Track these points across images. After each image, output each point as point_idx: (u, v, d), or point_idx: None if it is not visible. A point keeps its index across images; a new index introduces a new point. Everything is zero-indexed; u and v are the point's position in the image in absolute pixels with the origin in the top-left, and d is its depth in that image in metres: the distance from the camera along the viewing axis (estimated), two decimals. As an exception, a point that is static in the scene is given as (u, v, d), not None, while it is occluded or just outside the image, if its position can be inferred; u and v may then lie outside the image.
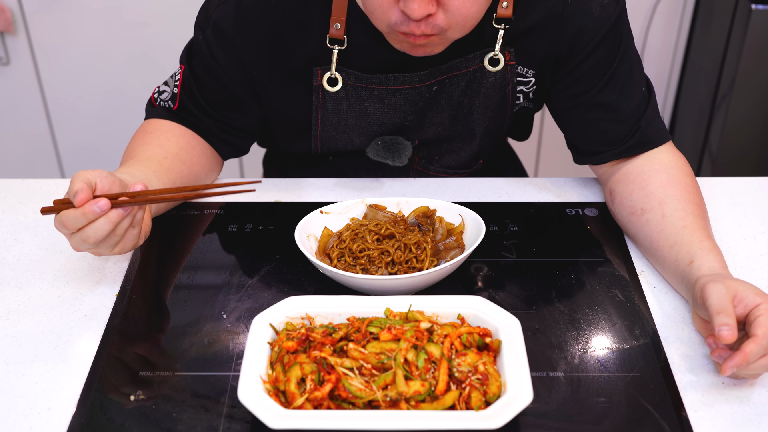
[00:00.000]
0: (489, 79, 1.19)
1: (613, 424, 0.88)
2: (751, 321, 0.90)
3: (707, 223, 1.10)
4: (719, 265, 1.01)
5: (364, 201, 1.14)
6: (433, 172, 1.31)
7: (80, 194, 0.93)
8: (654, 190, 1.13)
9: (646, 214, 1.12)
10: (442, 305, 0.94)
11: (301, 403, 0.83)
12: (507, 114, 1.24)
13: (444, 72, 1.18)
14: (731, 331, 0.88)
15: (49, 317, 1.03)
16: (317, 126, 1.22)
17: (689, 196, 1.11)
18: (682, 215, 1.09)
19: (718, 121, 2.34)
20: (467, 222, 1.10)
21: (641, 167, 1.17)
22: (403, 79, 1.17)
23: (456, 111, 1.22)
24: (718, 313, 0.90)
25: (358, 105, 1.20)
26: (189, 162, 1.19)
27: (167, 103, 1.22)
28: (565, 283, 1.08)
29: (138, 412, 0.89)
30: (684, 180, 1.14)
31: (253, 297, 1.05)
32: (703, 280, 0.96)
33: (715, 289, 0.92)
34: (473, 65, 1.18)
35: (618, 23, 1.15)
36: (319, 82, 1.17)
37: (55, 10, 2.27)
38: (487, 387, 0.85)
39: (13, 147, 2.53)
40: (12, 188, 1.28)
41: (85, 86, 2.40)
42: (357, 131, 1.22)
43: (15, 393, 0.92)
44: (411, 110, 1.21)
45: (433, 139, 1.26)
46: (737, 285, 0.93)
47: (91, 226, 0.94)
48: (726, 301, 0.91)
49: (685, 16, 2.43)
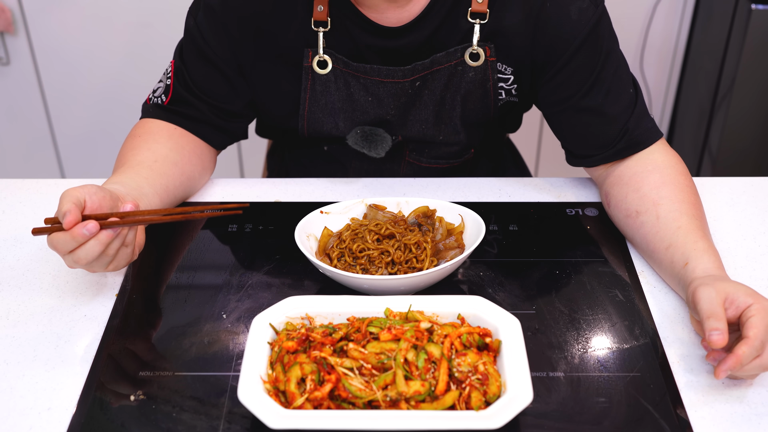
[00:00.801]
0: (469, 74, 1.20)
1: (613, 424, 0.88)
2: (744, 322, 0.90)
3: (703, 223, 1.09)
4: (714, 266, 1.00)
5: (364, 201, 1.14)
6: (425, 163, 1.32)
7: (68, 216, 0.92)
8: (648, 191, 1.12)
9: (641, 217, 1.11)
10: (442, 305, 0.94)
11: (301, 403, 0.83)
12: (490, 108, 1.24)
13: (427, 67, 1.19)
14: (721, 336, 0.88)
15: (49, 317, 1.03)
16: (305, 106, 1.23)
17: (683, 195, 1.11)
18: (677, 216, 1.08)
19: (718, 121, 2.34)
20: (467, 222, 1.10)
21: (634, 169, 1.16)
22: (387, 72, 1.19)
23: (439, 107, 1.23)
24: (708, 318, 0.90)
25: (345, 90, 1.21)
26: (180, 163, 1.19)
27: (159, 98, 1.23)
28: (565, 283, 1.08)
29: (138, 412, 0.89)
30: (678, 179, 1.13)
31: (253, 297, 1.05)
32: (695, 283, 0.96)
33: (705, 293, 0.92)
34: (454, 59, 1.19)
35: (597, 27, 1.14)
36: (309, 64, 1.20)
37: (55, 10, 2.27)
38: (487, 387, 0.85)
39: (13, 147, 2.53)
40: (12, 188, 1.28)
41: (85, 86, 2.40)
42: (342, 115, 1.24)
43: (15, 393, 0.92)
44: (394, 104, 1.22)
45: (418, 137, 1.26)
46: (728, 287, 0.93)
47: (81, 249, 0.94)
48: (716, 305, 0.91)
49: (685, 16, 2.43)
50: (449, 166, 1.33)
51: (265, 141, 2.18)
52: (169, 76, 1.23)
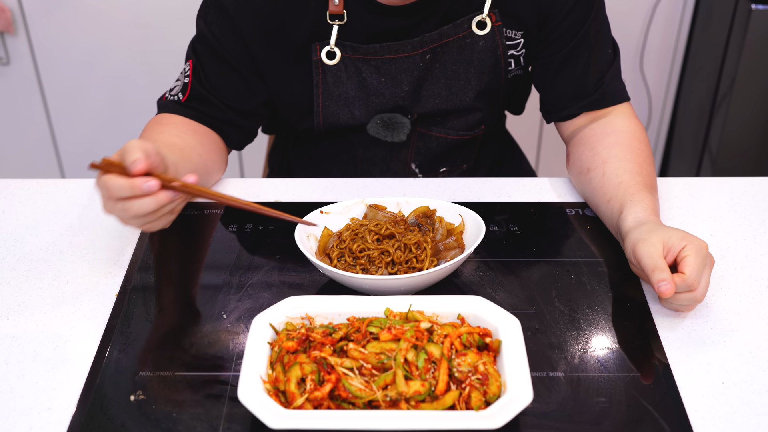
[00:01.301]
0: (479, 43, 1.24)
1: (613, 425, 0.88)
2: (679, 262, 0.98)
3: (647, 180, 1.15)
4: (645, 214, 1.07)
5: (364, 201, 1.14)
6: (436, 133, 1.34)
7: (138, 164, 0.91)
8: (600, 150, 1.21)
9: (590, 173, 1.19)
10: (442, 305, 0.94)
11: (301, 403, 0.83)
12: (501, 78, 1.29)
13: (435, 39, 1.22)
14: (669, 285, 0.95)
15: (49, 317, 1.03)
16: (318, 101, 1.25)
17: (632, 156, 1.18)
18: (620, 173, 1.15)
19: (718, 121, 2.34)
20: (467, 222, 1.10)
21: (595, 131, 1.24)
22: (397, 47, 1.21)
23: (451, 81, 1.26)
24: (653, 272, 0.97)
25: (356, 77, 1.23)
26: (203, 156, 1.20)
27: (177, 96, 1.23)
28: (565, 283, 1.08)
29: (138, 412, 0.89)
30: (631, 143, 1.20)
31: (253, 297, 1.05)
32: (632, 237, 1.03)
33: (645, 249, 0.99)
34: (462, 31, 1.22)
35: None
36: (318, 57, 1.21)
37: (55, 10, 2.27)
38: (487, 387, 0.85)
39: (13, 147, 2.53)
40: (12, 188, 1.28)
41: (85, 86, 2.40)
42: (357, 103, 1.25)
43: (15, 393, 0.92)
44: (407, 79, 1.24)
45: (431, 112, 1.29)
46: (663, 235, 1.00)
47: (136, 201, 0.93)
48: (657, 257, 0.98)
49: (685, 16, 2.43)
50: (459, 138, 1.35)
51: (265, 140, 2.18)
52: (187, 75, 1.23)
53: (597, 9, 1.24)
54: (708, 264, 0.99)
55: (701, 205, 1.24)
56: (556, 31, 1.24)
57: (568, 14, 1.22)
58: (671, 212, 1.22)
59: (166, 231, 1.16)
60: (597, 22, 1.25)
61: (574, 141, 1.28)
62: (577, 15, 1.23)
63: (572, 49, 1.24)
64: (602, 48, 1.26)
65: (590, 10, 1.23)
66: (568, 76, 1.27)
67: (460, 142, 1.36)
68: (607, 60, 1.27)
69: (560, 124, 1.33)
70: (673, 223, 1.20)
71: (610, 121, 1.25)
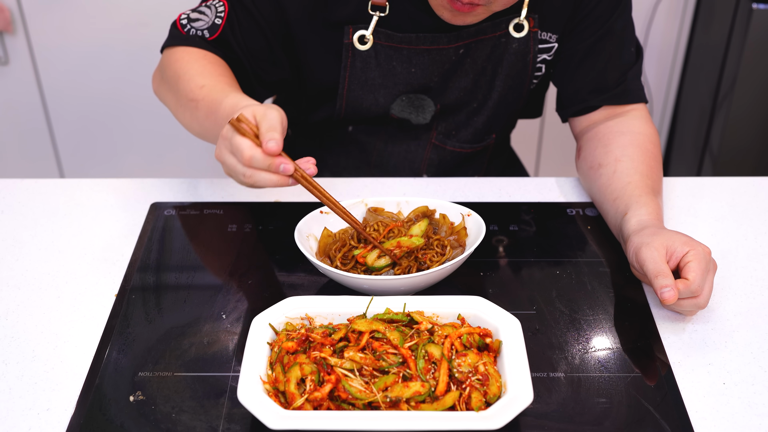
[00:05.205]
0: (513, 45, 1.24)
1: (614, 425, 0.87)
2: (682, 267, 0.98)
3: (655, 184, 1.15)
4: (649, 218, 1.07)
5: (365, 201, 1.13)
6: (450, 146, 1.35)
7: (273, 146, 0.90)
8: (614, 148, 1.20)
9: (601, 169, 1.19)
10: (442, 305, 0.94)
11: (300, 404, 0.83)
12: (525, 85, 1.29)
13: (472, 35, 1.22)
14: (672, 291, 0.95)
15: (48, 317, 1.02)
16: (344, 85, 1.24)
17: (645, 158, 1.17)
18: (631, 173, 1.15)
19: (719, 121, 2.34)
20: (467, 222, 1.10)
21: (611, 128, 1.23)
22: (432, 38, 1.21)
23: (479, 76, 1.27)
24: (656, 277, 0.97)
25: (386, 64, 1.23)
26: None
27: (202, 32, 1.18)
28: (565, 283, 1.08)
29: (137, 413, 0.89)
30: (646, 146, 1.19)
31: (253, 297, 1.05)
32: (634, 241, 1.03)
33: (648, 254, 0.99)
34: (499, 30, 1.22)
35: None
36: (350, 41, 1.20)
37: (54, 10, 2.27)
38: (487, 387, 0.85)
39: (12, 147, 2.53)
40: (11, 188, 1.27)
41: (84, 86, 2.40)
42: (383, 90, 1.25)
43: (14, 393, 0.92)
44: (437, 71, 1.24)
45: (454, 103, 1.29)
46: (666, 240, 1.00)
47: (264, 174, 0.92)
48: (660, 263, 0.98)
49: (685, 16, 2.43)
50: (472, 151, 1.36)
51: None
52: (220, 15, 1.17)
53: (624, 6, 1.24)
54: (711, 269, 0.99)
55: (702, 205, 1.24)
56: (583, 23, 1.24)
57: (596, 6, 1.22)
58: (672, 212, 1.22)
59: (166, 231, 1.16)
60: (623, 18, 1.24)
61: (587, 136, 1.27)
62: (605, 7, 1.22)
63: (597, 40, 1.24)
64: (626, 45, 1.26)
65: (618, 5, 1.23)
66: (591, 68, 1.26)
67: (471, 154, 1.37)
68: (630, 59, 1.26)
69: (575, 119, 1.31)
70: (674, 222, 1.20)
71: (626, 120, 1.24)
